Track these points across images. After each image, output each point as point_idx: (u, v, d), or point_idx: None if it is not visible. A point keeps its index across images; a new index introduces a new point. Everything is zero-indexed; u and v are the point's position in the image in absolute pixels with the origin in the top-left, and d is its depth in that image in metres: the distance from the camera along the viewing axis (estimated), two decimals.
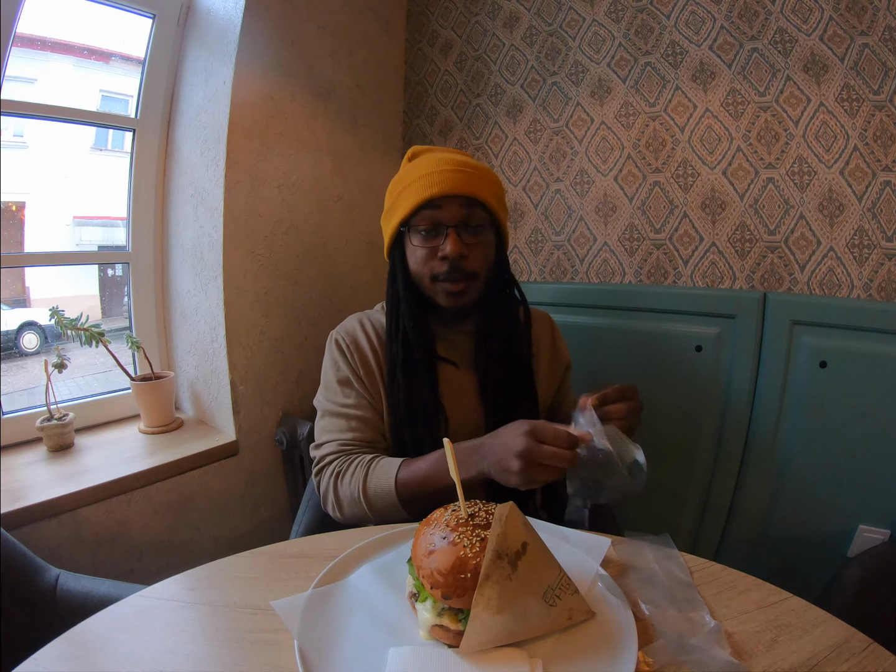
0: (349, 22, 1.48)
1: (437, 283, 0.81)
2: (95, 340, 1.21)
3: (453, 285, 0.80)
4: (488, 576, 0.45)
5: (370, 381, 0.85)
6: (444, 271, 0.79)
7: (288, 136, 1.36)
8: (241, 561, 0.64)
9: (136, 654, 0.49)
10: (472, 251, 0.80)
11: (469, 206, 0.79)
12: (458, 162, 0.80)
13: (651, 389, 1.26)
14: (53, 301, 1.22)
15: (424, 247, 0.80)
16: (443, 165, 0.79)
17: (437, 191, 0.77)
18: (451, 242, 0.77)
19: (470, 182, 0.79)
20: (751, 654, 0.48)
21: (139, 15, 1.30)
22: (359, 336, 0.87)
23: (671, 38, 1.21)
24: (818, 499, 1.10)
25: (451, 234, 0.78)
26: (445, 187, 0.77)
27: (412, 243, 0.81)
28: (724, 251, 1.20)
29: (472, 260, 0.80)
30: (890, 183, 1.01)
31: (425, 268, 0.81)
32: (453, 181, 0.78)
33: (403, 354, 0.82)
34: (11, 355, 1.37)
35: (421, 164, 0.82)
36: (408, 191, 0.80)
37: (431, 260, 0.80)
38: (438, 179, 0.78)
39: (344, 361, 0.85)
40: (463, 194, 0.78)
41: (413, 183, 0.80)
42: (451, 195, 0.78)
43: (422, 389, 0.82)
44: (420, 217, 0.79)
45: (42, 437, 1.19)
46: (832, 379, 1.06)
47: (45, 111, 1.23)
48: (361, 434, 0.83)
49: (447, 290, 0.81)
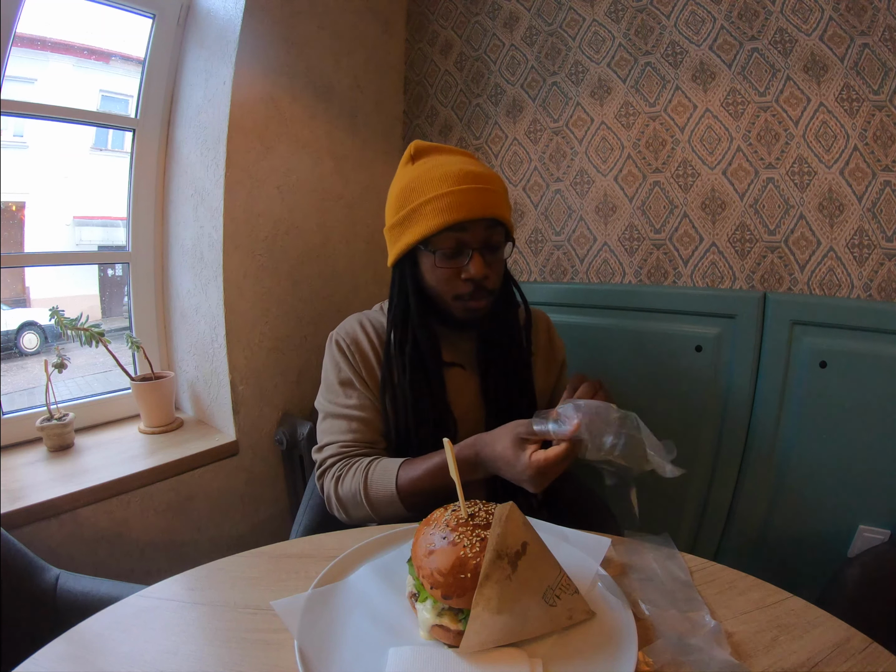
0: (349, 22, 1.48)
1: (460, 301, 0.80)
2: (95, 340, 1.21)
3: (476, 303, 0.80)
4: (488, 576, 0.45)
5: (372, 380, 0.85)
6: (468, 292, 0.79)
7: (288, 136, 1.36)
8: (241, 561, 0.65)
9: (136, 654, 0.49)
10: (493, 269, 0.80)
11: (492, 227, 0.78)
12: (478, 177, 0.78)
13: (651, 389, 1.26)
14: (53, 301, 1.22)
15: (448, 267, 0.78)
16: (464, 182, 0.76)
17: (464, 214, 0.75)
18: (477, 265, 0.76)
19: (494, 203, 0.78)
20: (751, 654, 0.48)
21: (139, 15, 1.30)
22: (359, 336, 0.87)
23: (671, 38, 1.21)
24: (818, 499, 1.10)
25: (476, 256, 0.77)
26: (473, 211, 0.75)
27: (434, 263, 0.78)
28: (724, 251, 1.20)
29: (492, 278, 0.80)
30: (890, 183, 1.01)
31: (447, 287, 0.79)
32: (480, 204, 0.76)
33: (412, 363, 0.81)
34: (11, 355, 1.37)
35: (436, 176, 0.77)
36: (428, 208, 0.76)
37: (454, 280, 0.78)
38: (464, 200, 0.75)
39: (345, 362, 0.85)
40: (487, 217, 0.77)
41: (434, 200, 0.76)
42: (477, 219, 0.76)
43: (430, 396, 0.82)
44: (443, 238, 0.77)
45: (42, 437, 1.19)
46: (832, 379, 1.06)
47: (45, 111, 1.23)
48: (362, 435, 0.83)
49: (470, 308, 0.80)
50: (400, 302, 0.84)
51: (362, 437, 0.83)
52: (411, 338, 0.82)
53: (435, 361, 0.83)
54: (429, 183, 0.77)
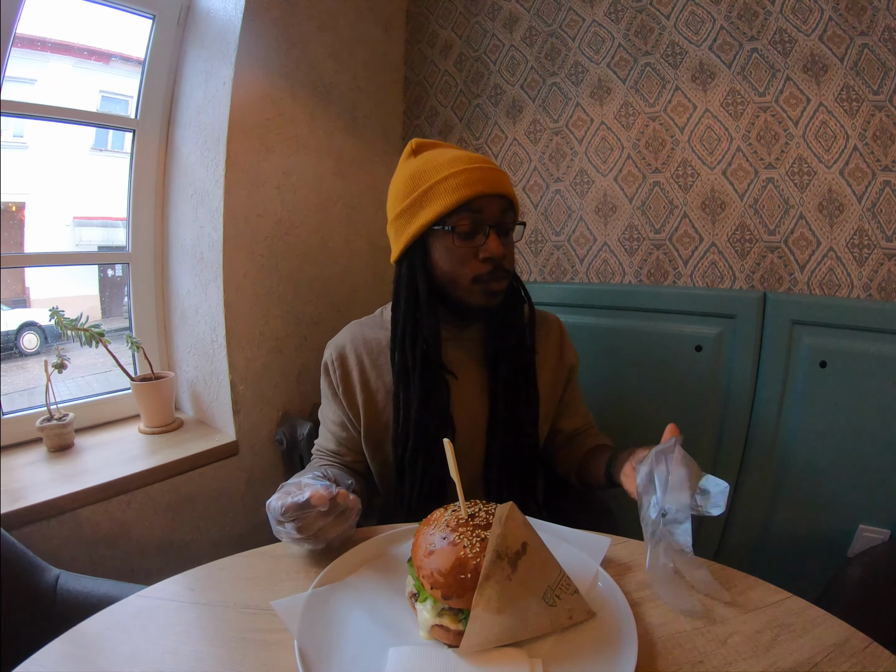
0: (349, 22, 1.48)
1: (480, 284, 0.78)
2: (95, 340, 1.21)
3: (497, 284, 0.78)
4: (488, 576, 0.45)
5: (348, 398, 0.87)
6: (487, 271, 0.77)
7: (288, 136, 1.36)
8: (241, 561, 0.65)
9: (136, 654, 0.49)
10: (509, 250, 0.79)
11: (505, 207, 0.78)
12: (485, 160, 0.78)
13: (651, 389, 1.26)
14: (53, 301, 1.22)
15: (466, 247, 0.76)
16: (475, 163, 0.76)
17: (480, 189, 0.73)
18: (495, 242, 0.75)
19: (504, 182, 0.78)
20: (751, 654, 0.48)
21: (139, 15, 1.30)
22: (346, 352, 0.87)
23: (671, 39, 1.21)
24: (818, 499, 1.10)
25: (493, 234, 0.76)
26: (487, 186, 0.74)
27: (453, 243, 0.76)
28: (724, 251, 1.20)
29: (508, 259, 0.79)
30: (890, 183, 1.01)
31: (465, 268, 0.77)
32: (493, 180, 0.75)
33: (413, 362, 0.80)
34: (11, 355, 1.37)
35: (445, 160, 0.76)
36: (442, 187, 0.74)
37: (473, 261, 0.76)
38: (479, 177, 0.74)
39: (326, 376, 0.89)
40: (501, 193, 0.76)
41: (449, 178, 0.74)
42: (491, 194, 0.75)
43: (433, 399, 0.81)
44: (458, 217, 0.74)
45: (42, 437, 1.19)
46: (832, 379, 1.06)
47: (45, 111, 1.23)
48: (330, 445, 0.90)
49: (490, 290, 0.78)
50: (408, 295, 0.80)
51: (329, 447, 0.90)
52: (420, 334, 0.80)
53: (438, 360, 0.82)
54: (439, 166, 0.76)
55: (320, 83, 1.42)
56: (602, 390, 1.29)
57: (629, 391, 1.28)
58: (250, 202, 1.29)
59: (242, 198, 1.27)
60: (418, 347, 0.80)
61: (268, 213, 1.34)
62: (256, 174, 1.30)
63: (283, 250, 1.38)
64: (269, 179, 1.33)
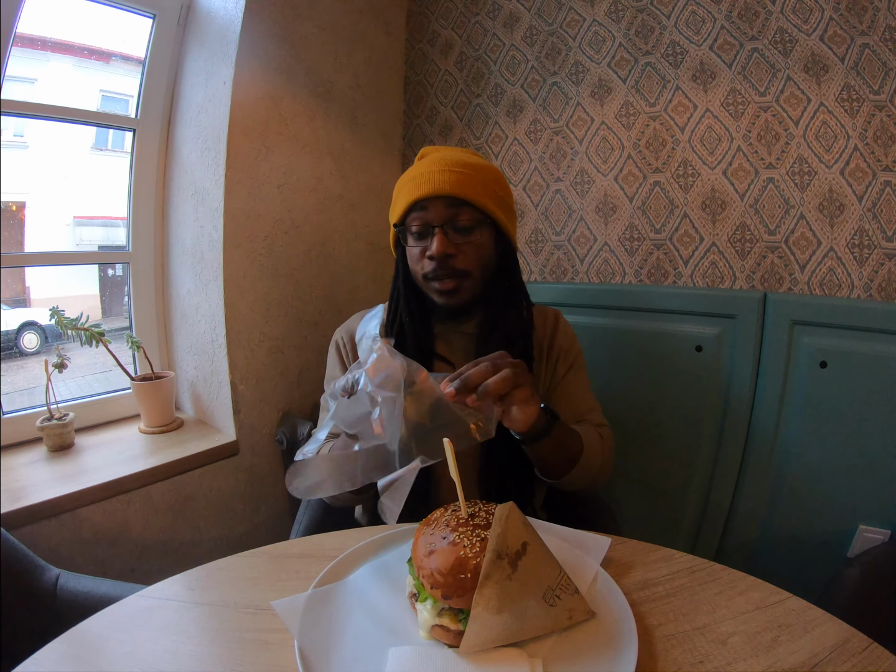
0: (349, 22, 1.48)
1: (428, 281, 0.83)
2: (95, 340, 1.21)
3: (441, 283, 0.82)
4: (488, 576, 0.45)
5: None
6: (431, 270, 0.81)
7: (288, 136, 1.36)
8: (241, 561, 0.65)
9: (136, 654, 0.49)
10: (462, 250, 0.81)
11: (455, 206, 0.80)
12: (453, 161, 0.81)
13: (651, 389, 1.26)
14: (53, 301, 1.22)
15: (416, 246, 0.83)
16: (435, 166, 0.81)
17: (422, 192, 0.79)
18: (436, 242, 0.79)
19: (458, 182, 0.79)
20: (751, 654, 0.48)
21: (139, 15, 1.30)
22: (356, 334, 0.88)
23: (671, 38, 1.21)
24: (818, 499, 1.10)
25: (438, 233, 0.79)
26: (430, 188, 0.79)
27: (407, 243, 0.84)
28: (724, 251, 1.20)
29: (462, 259, 0.81)
30: (890, 183, 1.01)
31: (417, 266, 0.84)
32: (440, 182, 0.79)
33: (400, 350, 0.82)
34: (11, 355, 1.37)
35: (420, 165, 0.84)
36: (401, 192, 0.83)
37: (423, 259, 0.82)
38: (427, 180, 0.79)
39: (337, 357, 0.91)
40: (448, 194, 0.79)
41: (406, 184, 0.82)
42: (435, 196, 0.79)
43: None
44: (411, 218, 0.82)
45: (42, 437, 1.19)
46: (832, 379, 1.06)
47: (45, 111, 1.23)
48: None
49: (437, 289, 0.83)
50: (394, 287, 0.89)
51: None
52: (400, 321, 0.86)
53: (419, 348, 0.84)
54: (411, 171, 0.84)
55: (320, 83, 1.42)
56: (602, 390, 1.29)
57: (629, 391, 1.28)
58: (250, 202, 1.29)
59: (243, 197, 1.27)
60: (408, 341, 0.84)
61: (268, 213, 1.34)
62: (256, 174, 1.30)
63: (283, 250, 1.38)
64: (269, 179, 1.33)
